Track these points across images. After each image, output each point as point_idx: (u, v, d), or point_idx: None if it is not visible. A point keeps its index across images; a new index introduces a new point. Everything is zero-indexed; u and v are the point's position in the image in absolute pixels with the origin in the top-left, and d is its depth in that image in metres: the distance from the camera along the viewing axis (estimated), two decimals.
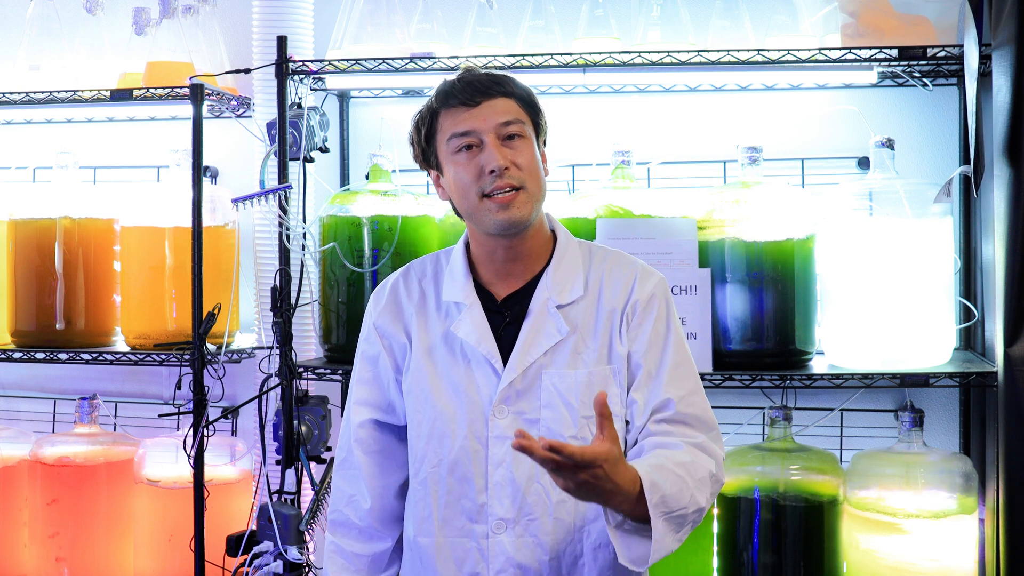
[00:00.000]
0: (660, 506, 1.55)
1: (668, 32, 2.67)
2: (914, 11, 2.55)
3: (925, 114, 2.78)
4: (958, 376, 2.43)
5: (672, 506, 1.56)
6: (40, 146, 3.21)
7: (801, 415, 2.73)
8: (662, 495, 1.55)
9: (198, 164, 2.64)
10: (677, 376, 1.74)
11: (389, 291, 1.90)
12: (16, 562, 2.97)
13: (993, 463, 2.41)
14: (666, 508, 1.56)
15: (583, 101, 2.93)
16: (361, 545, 1.89)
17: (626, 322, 1.78)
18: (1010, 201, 2.31)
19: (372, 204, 2.65)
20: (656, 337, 1.77)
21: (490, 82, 1.77)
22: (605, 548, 1.75)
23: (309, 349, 2.88)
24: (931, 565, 2.39)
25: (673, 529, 1.57)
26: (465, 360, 1.80)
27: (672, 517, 1.57)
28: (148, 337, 2.83)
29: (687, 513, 1.59)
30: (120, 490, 2.87)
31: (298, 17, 2.87)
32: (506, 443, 1.75)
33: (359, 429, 1.89)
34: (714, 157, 2.85)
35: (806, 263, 2.52)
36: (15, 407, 3.25)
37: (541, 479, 1.74)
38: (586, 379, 1.74)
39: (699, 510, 1.62)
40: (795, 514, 2.49)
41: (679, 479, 1.59)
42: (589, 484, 1.49)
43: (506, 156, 1.73)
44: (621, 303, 1.79)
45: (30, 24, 3.00)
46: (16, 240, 2.93)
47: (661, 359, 1.75)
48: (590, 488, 1.49)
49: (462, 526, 1.78)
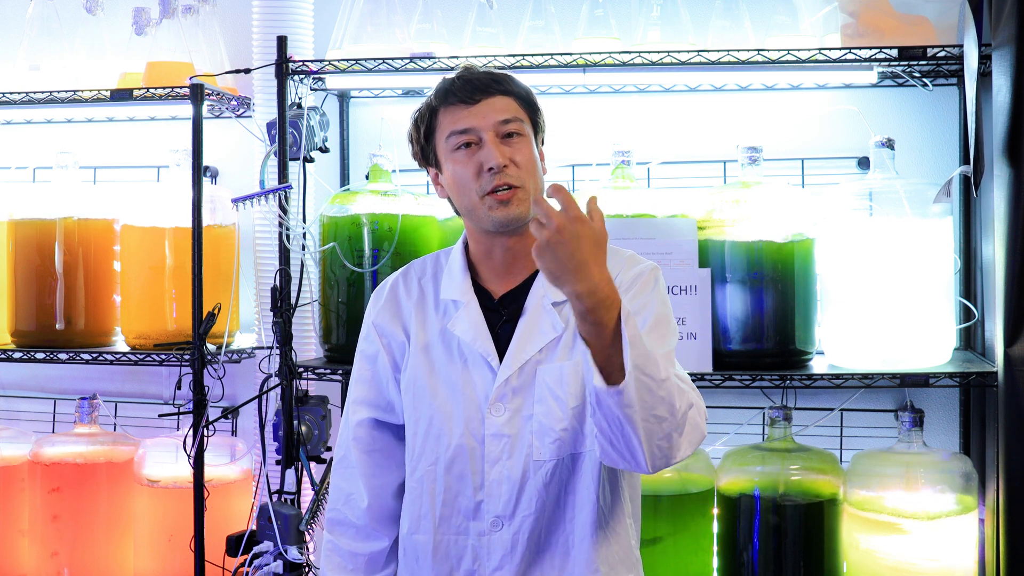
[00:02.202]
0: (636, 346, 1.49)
1: (668, 32, 2.67)
2: (914, 11, 2.55)
3: (925, 114, 2.78)
4: (958, 376, 2.43)
5: (647, 365, 1.51)
6: (40, 146, 3.21)
7: (801, 415, 2.73)
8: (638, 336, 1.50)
9: (198, 164, 2.64)
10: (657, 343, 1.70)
11: (388, 290, 1.90)
12: (16, 562, 2.97)
13: (993, 463, 2.41)
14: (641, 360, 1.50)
15: (583, 101, 2.93)
16: (358, 544, 1.89)
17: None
18: (1010, 201, 2.31)
19: (372, 204, 2.65)
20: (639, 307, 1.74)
21: (489, 80, 1.77)
22: (591, 537, 1.75)
23: (309, 349, 2.88)
24: (931, 565, 2.39)
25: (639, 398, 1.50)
26: (462, 358, 1.80)
27: (643, 381, 1.50)
28: (148, 337, 2.83)
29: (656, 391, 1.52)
30: (120, 490, 2.87)
31: (298, 17, 2.87)
32: (502, 441, 1.76)
33: (357, 428, 1.89)
34: (714, 157, 2.85)
35: (806, 263, 2.52)
36: (15, 407, 3.25)
37: (535, 475, 1.74)
38: (572, 370, 1.74)
39: (672, 407, 1.54)
40: (795, 514, 2.49)
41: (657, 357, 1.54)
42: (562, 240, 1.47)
43: (504, 154, 1.73)
44: None
45: (30, 24, 3.00)
46: (16, 240, 2.93)
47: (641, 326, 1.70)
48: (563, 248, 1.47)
49: (459, 523, 1.78)
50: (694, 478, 2.58)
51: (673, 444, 1.58)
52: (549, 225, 1.47)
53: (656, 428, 1.55)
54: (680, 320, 2.48)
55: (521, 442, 1.75)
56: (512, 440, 1.75)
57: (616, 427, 1.54)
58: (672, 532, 2.54)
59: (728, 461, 2.59)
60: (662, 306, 1.76)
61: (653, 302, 1.76)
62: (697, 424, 1.63)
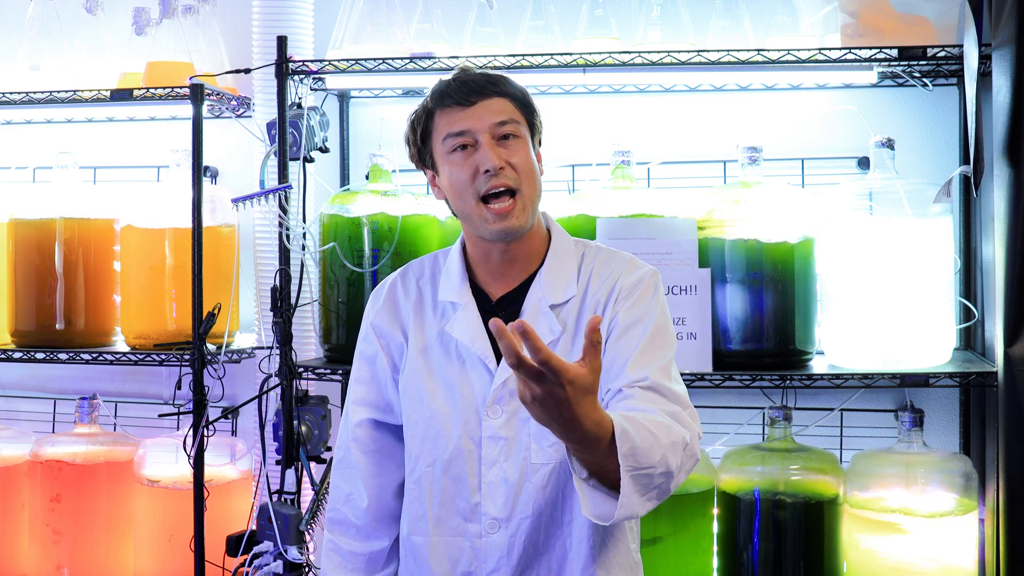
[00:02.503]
0: (630, 458, 1.47)
1: (668, 32, 2.67)
2: (914, 11, 2.55)
3: (925, 114, 2.78)
4: (958, 376, 2.43)
5: (641, 461, 1.49)
6: (40, 146, 3.21)
7: (801, 415, 2.73)
8: (632, 446, 1.47)
9: (198, 164, 2.64)
10: (655, 354, 1.71)
11: (387, 291, 1.90)
12: (16, 562, 2.98)
13: (993, 463, 2.41)
14: (635, 462, 1.48)
15: (583, 101, 2.93)
16: (358, 544, 1.89)
17: (609, 309, 1.77)
18: (1010, 201, 2.31)
19: (372, 204, 2.65)
20: (638, 317, 1.75)
21: (485, 82, 1.77)
22: (588, 541, 1.75)
23: (309, 349, 2.88)
24: (931, 565, 2.39)
25: (639, 489, 1.50)
26: (459, 360, 1.80)
27: (640, 475, 1.49)
28: (148, 337, 2.83)
29: (654, 474, 1.51)
30: (120, 490, 2.87)
31: (298, 17, 2.87)
32: (499, 443, 1.76)
33: (357, 428, 1.89)
34: (714, 157, 2.85)
35: (806, 263, 2.52)
36: (15, 407, 3.25)
37: (532, 478, 1.74)
38: None
39: (668, 473, 1.54)
40: (795, 514, 2.49)
41: (651, 436, 1.52)
42: (547, 401, 1.38)
43: (501, 156, 1.73)
44: (605, 295, 1.79)
45: (30, 24, 3.00)
46: (16, 240, 2.93)
47: (640, 336, 1.72)
48: (548, 407, 1.38)
49: (456, 525, 1.78)
50: (694, 478, 2.58)
51: (670, 488, 1.58)
52: (533, 392, 1.38)
53: (655, 492, 1.54)
54: (680, 320, 2.48)
55: (518, 445, 1.75)
56: (509, 442, 1.75)
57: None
58: (672, 532, 2.54)
59: (728, 461, 2.59)
60: (661, 315, 1.76)
61: (652, 311, 1.76)
62: (693, 455, 1.62)
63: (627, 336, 1.73)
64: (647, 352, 1.70)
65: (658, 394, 1.66)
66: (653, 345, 1.71)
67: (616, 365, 1.71)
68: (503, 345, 1.33)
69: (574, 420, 1.41)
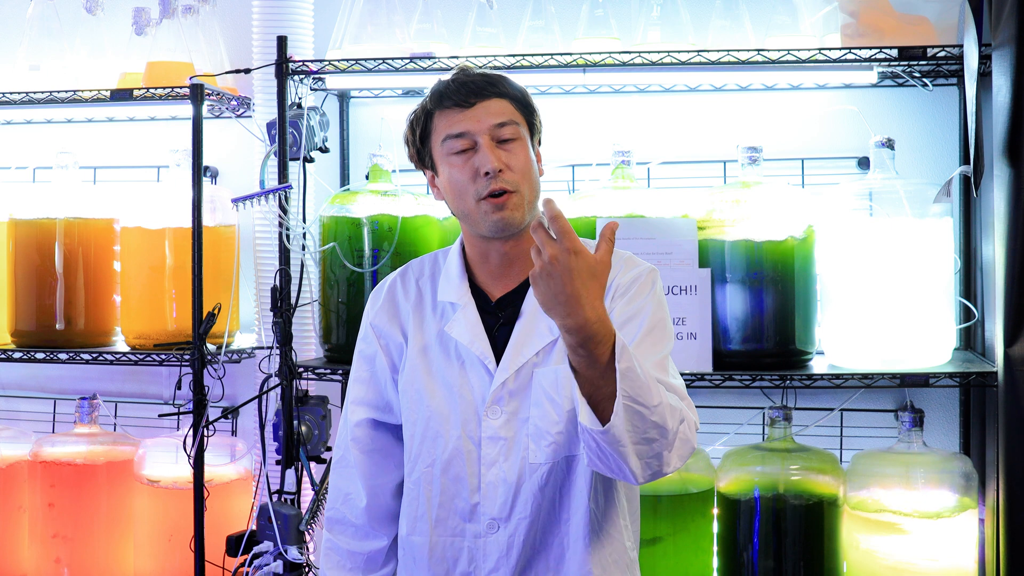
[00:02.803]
0: (627, 378, 1.48)
1: (668, 32, 2.67)
2: (914, 11, 2.55)
3: (925, 114, 2.78)
4: (958, 376, 2.43)
5: (639, 392, 1.49)
6: (40, 146, 3.21)
7: (801, 415, 2.73)
8: (630, 367, 1.48)
9: (198, 164, 2.64)
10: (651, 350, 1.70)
11: (386, 291, 1.90)
12: (16, 562, 2.98)
13: (993, 463, 2.41)
14: (632, 388, 1.48)
15: (583, 101, 2.93)
16: (357, 543, 1.90)
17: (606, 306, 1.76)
18: (1010, 201, 2.31)
19: (372, 204, 2.65)
20: (634, 312, 1.74)
21: (484, 83, 1.76)
22: (584, 540, 1.75)
23: (309, 349, 2.88)
24: (931, 565, 2.39)
25: (631, 428, 1.50)
26: (459, 360, 1.80)
27: (633, 410, 1.49)
28: (148, 337, 2.83)
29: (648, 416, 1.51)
30: (120, 490, 2.87)
31: (298, 17, 2.87)
32: (499, 443, 1.76)
33: (356, 428, 1.89)
34: (714, 157, 2.85)
35: (806, 263, 2.52)
36: (15, 407, 3.25)
37: (531, 478, 1.74)
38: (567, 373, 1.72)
39: (663, 428, 1.53)
40: (795, 514, 2.49)
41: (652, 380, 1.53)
42: (554, 270, 1.44)
43: (500, 159, 1.73)
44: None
45: (30, 24, 3.00)
46: (16, 240, 2.93)
47: (636, 332, 1.72)
48: (553, 278, 1.45)
49: (455, 526, 1.78)
50: (694, 478, 2.58)
51: (663, 461, 1.57)
52: (543, 255, 1.46)
53: (646, 448, 1.54)
54: (680, 320, 2.48)
55: (517, 445, 1.75)
56: (508, 443, 1.75)
57: (605, 451, 1.54)
58: (672, 532, 2.54)
59: (728, 461, 2.59)
60: (658, 310, 1.76)
61: (649, 306, 1.75)
62: (688, 439, 1.61)
63: (623, 331, 1.72)
64: (643, 347, 1.69)
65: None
66: (650, 340, 1.71)
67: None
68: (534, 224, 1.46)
69: (576, 299, 1.46)
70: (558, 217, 1.45)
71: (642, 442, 1.53)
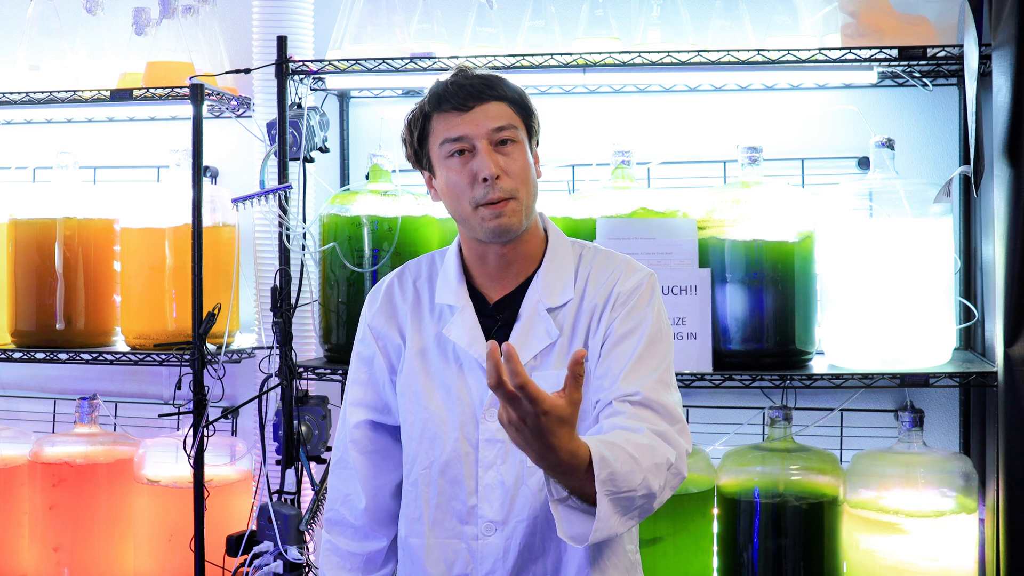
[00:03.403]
0: (608, 483, 1.47)
1: (668, 32, 2.67)
2: (914, 11, 2.55)
3: (925, 114, 2.78)
4: (958, 376, 2.43)
5: (621, 486, 1.49)
6: (40, 146, 3.21)
7: (801, 415, 2.73)
8: (611, 472, 1.48)
9: (198, 164, 2.64)
10: (648, 365, 1.70)
11: (384, 292, 1.90)
12: (16, 562, 2.98)
13: (993, 463, 2.41)
14: (614, 487, 1.48)
15: (583, 101, 2.93)
16: (356, 544, 1.90)
17: (606, 315, 1.76)
18: (1010, 201, 2.31)
19: (372, 204, 2.65)
20: (634, 325, 1.74)
21: (482, 86, 1.75)
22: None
23: (309, 349, 2.88)
24: (931, 565, 2.39)
25: (619, 511, 1.51)
26: (457, 363, 1.80)
27: (619, 498, 1.50)
28: (148, 337, 2.83)
29: (635, 496, 1.51)
30: (120, 490, 2.88)
31: (298, 17, 2.87)
32: (496, 446, 1.75)
33: (355, 430, 1.89)
34: (714, 157, 2.85)
35: (806, 263, 2.52)
36: (15, 407, 3.25)
37: (529, 481, 1.74)
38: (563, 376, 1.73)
39: (650, 495, 1.54)
40: (795, 514, 2.49)
41: (632, 460, 1.52)
42: (522, 427, 1.40)
43: (498, 163, 1.72)
44: (602, 299, 1.78)
45: (30, 24, 3.00)
46: (16, 240, 2.93)
47: (635, 346, 1.72)
48: (523, 433, 1.41)
49: (452, 528, 1.78)
50: (694, 478, 2.58)
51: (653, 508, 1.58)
52: (509, 414, 1.41)
53: (635, 513, 1.55)
54: (680, 320, 2.48)
55: (515, 448, 1.74)
56: (506, 446, 1.75)
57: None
58: (672, 532, 2.54)
59: (728, 461, 2.59)
60: (657, 321, 1.76)
61: (648, 318, 1.75)
62: (678, 473, 1.62)
63: (622, 345, 1.72)
64: (641, 363, 1.70)
65: (649, 410, 1.66)
66: (648, 355, 1.71)
67: (610, 375, 1.71)
68: (488, 366, 1.35)
69: (549, 449, 1.42)
70: (519, 375, 1.36)
71: (632, 509, 1.54)
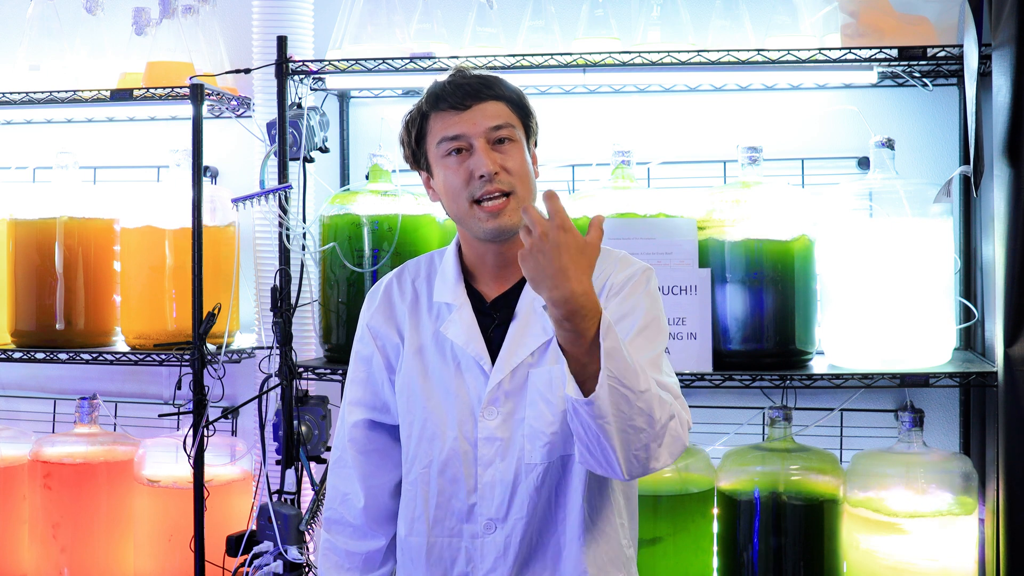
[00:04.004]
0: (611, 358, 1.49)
1: (668, 32, 2.67)
2: (914, 11, 2.55)
3: (925, 114, 2.78)
4: (958, 376, 2.43)
5: (624, 374, 1.50)
6: (40, 146, 3.21)
7: (801, 415, 2.73)
8: (615, 347, 1.49)
9: (198, 164, 2.64)
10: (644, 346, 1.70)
11: (383, 292, 1.90)
12: (16, 562, 2.98)
13: (993, 463, 2.41)
14: (616, 369, 1.49)
15: (583, 101, 2.93)
16: (355, 543, 1.90)
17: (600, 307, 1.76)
18: (1010, 201, 2.31)
19: (372, 204, 2.65)
20: (627, 311, 1.74)
21: (480, 85, 1.76)
22: (580, 539, 1.75)
23: (309, 349, 2.88)
24: (931, 565, 2.39)
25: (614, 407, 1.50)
26: (455, 361, 1.80)
27: (619, 391, 1.50)
28: (148, 337, 2.83)
29: (634, 401, 1.51)
30: (120, 490, 2.88)
31: (298, 17, 2.87)
32: (495, 444, 1.76)
33: (353, 429, 1.90)
34: (714, 157, 2.85)
35: (806, 263, 2.52)
36: (15, 407, 3.25)
37: (527, 478, 1.74)
38: (560, 374, 1.73)
39: (649, 416, 1.53)
40: (795, 514, 2.49)
41: (640, 368, 1.53)
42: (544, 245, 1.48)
43: (495, 161, 1.73)
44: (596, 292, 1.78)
45: (30, 24, 3.00)
46: (16, 240, 2.93)
47: (629, 329, 1.71)
48: (543, 253, 1.48)
49: (452, 526, 1.79)
50: (694, 478, 2.58)
51: (651, 454, 1.57)
52: (533, 232, 1.49)
53: (633, 438, 1.54)
54: (680, 320, 2.48)
55: (513, 445, 1.75)
56: (505, 443, 1.75)
57: (591, 435, 1.54)
58: (672, 532, 2.54)
59: (728, 461, 2.59)
60: (651, 309, 1.75)
61: (642, 304, 1.75)
62: (678, 435, 1.61)
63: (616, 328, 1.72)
64: (636, 344, 1.69)
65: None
66: (643, 337, 1.71)
67: None
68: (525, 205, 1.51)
69: (563, 272, 1.48)
70: (552, 196, 1.48)
71: (628, 430, 1.53)
